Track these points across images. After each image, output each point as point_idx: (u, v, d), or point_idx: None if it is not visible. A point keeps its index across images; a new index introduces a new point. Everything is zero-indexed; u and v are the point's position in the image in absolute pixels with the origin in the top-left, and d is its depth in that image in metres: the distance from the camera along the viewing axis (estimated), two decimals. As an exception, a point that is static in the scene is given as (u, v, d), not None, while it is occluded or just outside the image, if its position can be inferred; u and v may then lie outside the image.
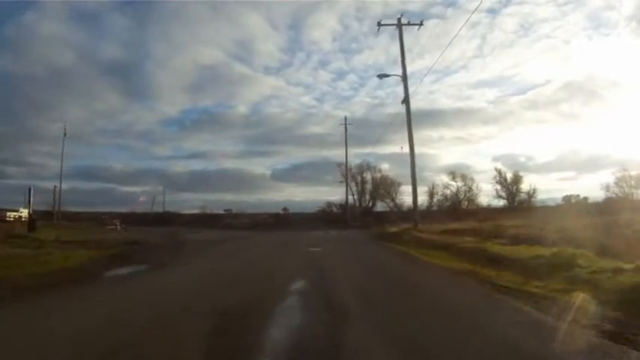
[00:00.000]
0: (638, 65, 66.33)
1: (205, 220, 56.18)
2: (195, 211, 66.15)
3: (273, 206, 67.12)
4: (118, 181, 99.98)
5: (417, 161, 29.75)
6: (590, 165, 63.96)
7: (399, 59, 30.45)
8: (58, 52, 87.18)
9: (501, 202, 57.82)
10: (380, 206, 65.41)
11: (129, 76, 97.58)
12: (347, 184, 62.48)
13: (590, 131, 76.10)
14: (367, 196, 66.97)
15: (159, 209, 67.08)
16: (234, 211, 64.06)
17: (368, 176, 66.48)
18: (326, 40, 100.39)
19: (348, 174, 62.71)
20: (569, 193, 50.99)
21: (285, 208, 63.39)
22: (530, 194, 57.64)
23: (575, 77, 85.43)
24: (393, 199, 62.63)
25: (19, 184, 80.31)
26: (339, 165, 64.86)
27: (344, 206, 62.67)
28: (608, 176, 52.06)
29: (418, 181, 50.22)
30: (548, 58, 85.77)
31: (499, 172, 58.92)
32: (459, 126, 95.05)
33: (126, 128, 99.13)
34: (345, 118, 61.87)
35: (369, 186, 66.55)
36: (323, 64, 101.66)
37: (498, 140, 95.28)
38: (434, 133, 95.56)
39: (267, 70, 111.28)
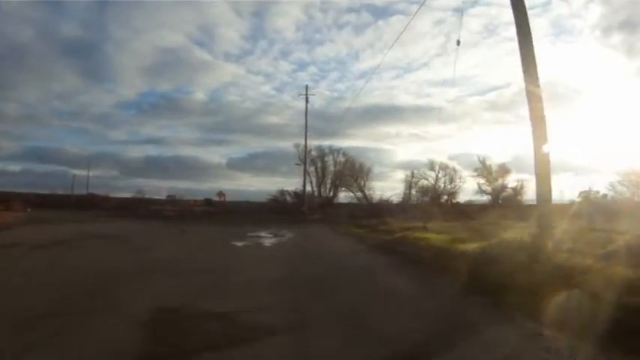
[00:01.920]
0: (600, 73, 67.46)
1: (135, 205, 49.84)
2: (127, 194, 59.41)
3: (229, 195, 61.98)
4: (71, 164, 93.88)
5: (372, 156, 32.82)
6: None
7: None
8: (16, 28, 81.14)
9: (484, 198, 50.18)
10: (343, 197, 56.59)
11: (88, 57, 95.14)
12: (305, 166, 52.51)
13: (548, 135, 65.06)
14: (328, 185, 57.47)
15: (82, 191, 60.31)
16: (177, 197, 56.87)
17: (330, 161, 57.14)
18: (289, 30, 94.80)
19: (307, 158, 51.81)
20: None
21: (221, 193, 51.47)
22: (518, 190, 48.65)
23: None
24: (361, 189, 52.34)
25: None
26: (297, 146, 55.17)
27: (300, 195, 52.47)
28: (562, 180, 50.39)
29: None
30: (510, 61, 78.47)
31: (483, 163, 50.21)
32: (417, 123, 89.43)
33: (82, 110, 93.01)
34: (307, 87, 51.55)
35: (330, 172, 57.27)
36: (284, 54, 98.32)
37: (455, 139, 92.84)
38: (392, 129, 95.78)
39: (228, 57, 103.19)
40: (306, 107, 50.24)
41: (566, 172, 47.84)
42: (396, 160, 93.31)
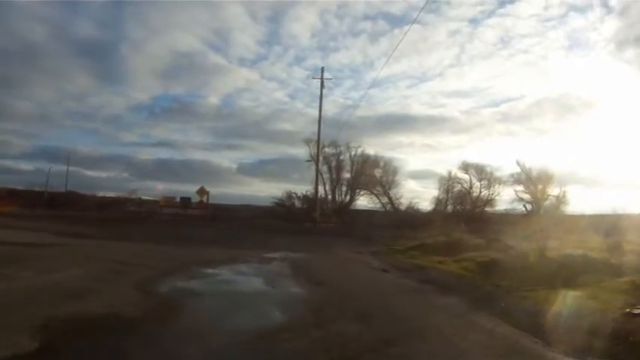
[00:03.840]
0: (612, 87, 72.08)
1: (110, 206, 42.53)
2: (111, 194, 51.49)
3: (237, 200, 58.67)
4: (83, 164, 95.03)
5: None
6: (556, 181, 56.32)
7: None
8: (31, 26, 78.22)
9: (522, 207, 42.27)
10: (361, 203, 47.21)
11: (101, 58, 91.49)
12: (317, 163, 42.82)
13: (559, 148, 72.46)
14: (344, 188, 48.06)
15: (61, 188, 53.15)
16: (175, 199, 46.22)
17: (346, 160, 47.57)
18: (304, 36, 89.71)
19: (320, 155, 43.23)
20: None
21: (202, 191, 39.95)
22: (561, 199, 40.51)
23: (550, 94, 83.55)
24: (386, 192, 43.85)
25: None
26: (308, 141, 45.59)
27: (311, 199, 43.04)
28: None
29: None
30: (525, 73, 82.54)
31: (523, 167, 42.02)
32: (430, 133, 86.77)
33: (95, 112, 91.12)
34: (322, 70, 42.47)
35: (347, 173, 47.59)
36: (299, 60, 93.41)
37: (467, 150, 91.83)
38: (404, 139, 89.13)
39: (242, 62, 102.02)
40: (321, 91, 40.66)
41: (577, 185, 44.43)
42: (408, 169, 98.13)
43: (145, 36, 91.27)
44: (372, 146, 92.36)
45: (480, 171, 43.55)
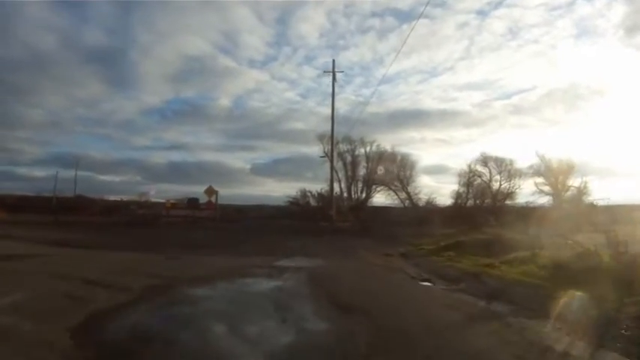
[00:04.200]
0: (622, 75, 67.74)
1: (124, 210, 40.43)
2: (121, 197, 49.91)
3: (251, 200, 58.57)
4: (96, 169, 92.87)
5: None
6: (559, 172, 54.16)
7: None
8: (40, 35, 78.14)
9: (544, 199, 39.20)
10: (378, 199, 44.09)
11: (111, 64, 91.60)
12: (332, 159, 39.68)
13: (570, 139, 68.84)
14: (360, 185, 45.33)
15: (70, 193, 50.53)
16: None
17: (361, 156, 44.65)
18: (312, 36, 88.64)
19: (335, 150, 40.49)
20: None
21: (210, 190, 36.40)
22: (582, 190, 37.68)
23: (560, 84, 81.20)
24: (404, 188, 41.18)
25: None
26: (322, 137, 42.75)
27: (326, 197, 40.41)
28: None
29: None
30: (535, 64, 79.92)
31: (542, 158, 39.29)
32: (442, 128, 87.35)
33: (106, 117, 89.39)
34: (334, 62, 39.86)
35: (362, 169, 44.77)
36: (308, 59, 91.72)
37: (479, 144, 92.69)
38: (416, 134, 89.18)
39: (252, 64, 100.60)
40: (333, 84, 38.13)
41: (590, 175, 41.19)
42: (421, 165, 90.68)
43: (154, 40, 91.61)
44: (384, 143, 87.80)
45: (500, 163, 40.71)
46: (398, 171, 43.13)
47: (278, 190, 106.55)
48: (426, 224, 29.10)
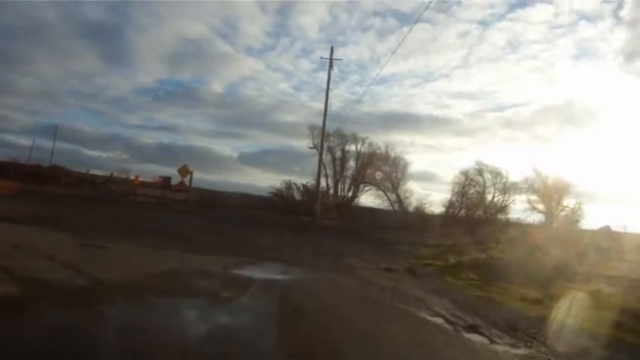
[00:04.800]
0: (619, 99, 68.60)
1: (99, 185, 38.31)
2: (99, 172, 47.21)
3: (235, 188, 54.46)
4: (84, 143, 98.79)
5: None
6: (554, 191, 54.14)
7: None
8: (39, 4, 74.11)
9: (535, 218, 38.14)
10: (366, 199, 41.78)
11: (108, 40, 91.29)
12: (321, 153, 36.46)
13: (561, 158, 69.57)
14: (347, 182, 42.19)
15: (43, 162, 48.06)
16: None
17: (352, 153, 41.89)
18: (312, 29, 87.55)
19: (324, 143, 37.14)
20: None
21: (184, 170, 30.39)
22: (575, 212, 36.55)
23: (555, 102, 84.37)
24: (395, 190, 38.15)
25: None
26: (312, 128, 39.87)
27: (312, 191, 36.95)
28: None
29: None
30: (531, 80, 78.84)
31: (539, 175, 37.80)
32: (432, 134, 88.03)
33: (99, 92, 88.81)
34: (332, 49, 36.43)
35: (351, 167, 41.88)
36: (306, 52, 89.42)
37: (469, 153, 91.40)
38: (406, 138, 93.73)
39: (249, 52, 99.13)
40: (329, 72, 34.95)
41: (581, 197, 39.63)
42: (408, 170, 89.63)
43: (153, 20, 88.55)
44: (375, 142, 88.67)
45: (495, 174, 38.44)
46: (390, 171, 40.48)
47: (264, 181, 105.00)
48: (417, 231, 26.25)
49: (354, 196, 41.68)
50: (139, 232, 12.57)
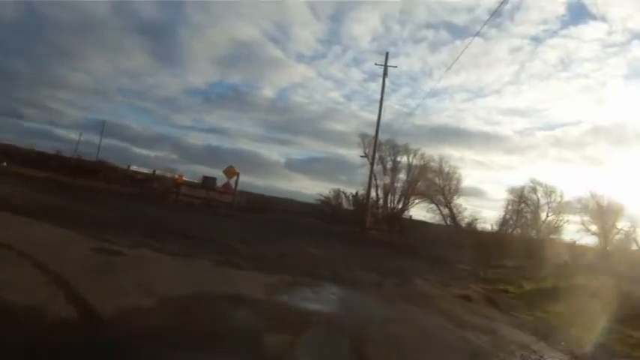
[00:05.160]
0: None
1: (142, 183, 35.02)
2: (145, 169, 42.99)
3: (281, 194, 50.73)
4: (133, 141, 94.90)
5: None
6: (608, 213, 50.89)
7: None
8: (94, 0, 74.34)
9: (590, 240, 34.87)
10: (417, 212, 39.29)
11: (160, 39, 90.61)
12: (372, 161, 34.56)
13: (611, 179, 68.40)
14: (397, 194, 39.87)
15: (91, 157, 47.37)
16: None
17: (403, 164, 39.60)
18: (365, 38, 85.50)
19: (376, 152, 35.64)
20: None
21: (230, 170, 28.54)
22: (629, 236, 32.88)
23: (605, 122, 77.37)
24: (448, 204, 36.41)
25: (36, 127, 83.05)
26: (363, 136, 38.13)
27: (361, 201, 35.27)
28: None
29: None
30: (582, 98, 74.76)
31: (594, 195, 34.43)
32: (482, 150, 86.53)
33: (149, 91, 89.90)
34: (387, 55, 35.04)
35: (402, 177, 39.65)
36: (357, 62, 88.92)
37: (517, 172, 79.77)
38: (456, 153, 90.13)
39: (300, 58, 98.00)
40: (383, 80, 33.58)
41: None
42: (461, 184, 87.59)
43: (206, 21, 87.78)
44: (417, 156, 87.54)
45: (549, 193, 35.48)
46: (443, 185, 38.63)
47: (310, 188, 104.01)
48: (471, 249, 24.64)
49: (404, 208, 39.89)
50: (169, 236, 10.68)
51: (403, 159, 39.81)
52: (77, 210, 12.99)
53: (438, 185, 37.07)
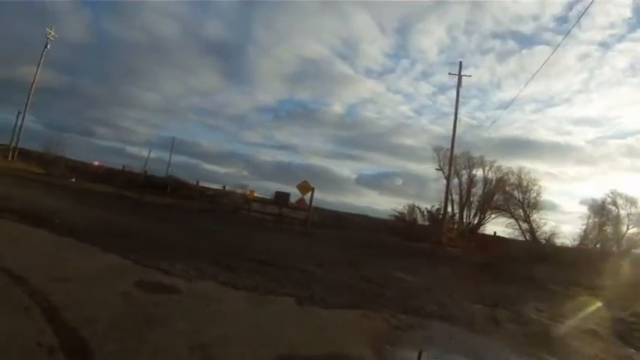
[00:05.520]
0: None
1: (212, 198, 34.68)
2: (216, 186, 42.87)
3: (353, 210, 49.94)
4: (203, 158, 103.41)
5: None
6: None
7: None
8: (163, 22, 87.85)
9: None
10: (492, 227, 37.22)
11: (229, 58, 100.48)
12: (449, 173, 33.70)
13: None
14: (473, 209, 38.74)
15: (162, 173, 48.58)
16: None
17: (479, 176, 38.44)
18: (432, 51, 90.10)
19: (452, 165, 34.09)
20: None
21: (305, 186, 26.51)
22: None
23: None
24: (527, 218, 34.80)
25: (107, 145, 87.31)
26: (437, 150, 37.37)
27: (436, 217, 34.42)
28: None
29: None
30: None
31: None
32: (553, 161, 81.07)
33: (219, 109, 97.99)
34: (460, 64, 33.53)
35: (478, 191, 38.26)
36: (426, 75, 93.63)
37: (590, 183, 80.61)
38: (527, 164, 79.54)
39: (369, 73, 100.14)
40: (458, 90, 32.34)
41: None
42: (541, 197, 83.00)
43: (273, 39, 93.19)
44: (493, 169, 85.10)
45: (631, 204, 33.13)
46: (522, 198, 37.01)
47: (381, 204, 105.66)
48: (557, 266, 23.13)
49: (480, 223, 38.51)
50: (239, 261, 9.12)
51: (478, 172, 38.62)
52: (134, 228, 11.81)
53: (517, 199, 35.52)
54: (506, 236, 35.59)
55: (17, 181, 21.60)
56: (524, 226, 34.84)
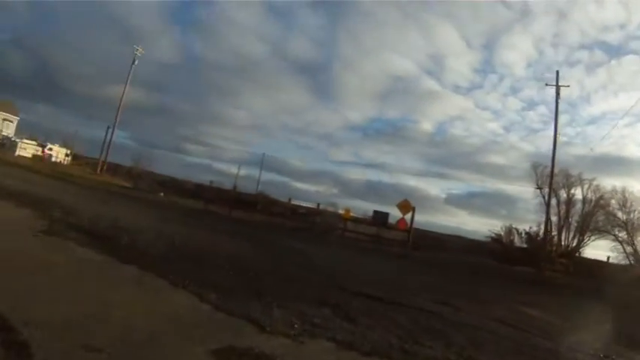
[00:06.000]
0: None
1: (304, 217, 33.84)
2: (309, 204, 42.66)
3: (444, 231, 45.98)
4: (292, 176, 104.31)
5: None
6: None
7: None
8: (250, 43, 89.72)
9: None
10: (593, 251, 35.05)
11: (316, 76, 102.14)
12: (549, 193, 32.54)
13: None
14: (572, 230, 36.00)
15: (250, 190, 48.19)
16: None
17: (578, 196, 36.20)
18: (519, 65, 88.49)
19: (552, 181, 32.94)
20: None
21: (405, 204, 25.34)
22: None
23: None
24: (632, 240, 33.05)
25: (197, 162, 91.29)
26: (536, 166, 35.47)
27: (535, 238, 32.70)
28: None
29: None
30: None
31: None
32: None
33: (307, 127, 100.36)
34: (557, 74, 33.50)
35: (577, 211, 35.85)
36: (514, 90, 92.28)
37: None
38: (618, 183, 69.99)
39: (457, 90, 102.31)
40: (557, 101, 32.36)
41: None
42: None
43: (359, 57, 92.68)
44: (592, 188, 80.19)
45: None
46: (626, 219, 35.21)
47: (470, 224, 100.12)
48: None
49: (579, 245, 37.02)
50: (347, 297, 7.30)
51: (577, 191, 37.09)
52: (219, 250, 10.15)
53: (621, 219, 33.81)
54: (604, 260, 34.07)
55: (96, 194, 21.78)
56: (628, 249, 33.11)
